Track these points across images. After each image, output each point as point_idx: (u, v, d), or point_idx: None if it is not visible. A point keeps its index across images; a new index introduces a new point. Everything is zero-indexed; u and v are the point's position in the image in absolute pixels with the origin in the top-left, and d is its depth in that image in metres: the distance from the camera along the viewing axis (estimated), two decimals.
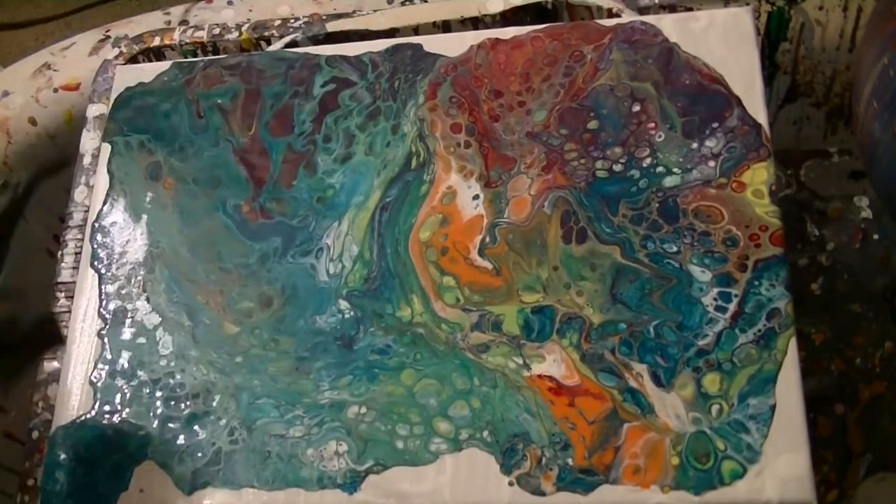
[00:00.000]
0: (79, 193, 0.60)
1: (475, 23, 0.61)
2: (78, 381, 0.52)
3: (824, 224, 0.62)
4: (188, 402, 0.50)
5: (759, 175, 0.49)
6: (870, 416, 0.57)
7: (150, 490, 0.49)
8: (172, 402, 0.50)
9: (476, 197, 0.52)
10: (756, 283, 0.47)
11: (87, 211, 0.58)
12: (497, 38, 0.56)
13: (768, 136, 0.50)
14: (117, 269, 0.55)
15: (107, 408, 0.51)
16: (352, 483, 0.46)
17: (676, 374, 0.45)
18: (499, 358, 0.47)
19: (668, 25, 0.54)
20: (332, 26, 0.63)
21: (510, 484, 0.45)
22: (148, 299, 0.53)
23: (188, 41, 0.65)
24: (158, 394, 0.51)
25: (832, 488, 0.55)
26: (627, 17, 0.58)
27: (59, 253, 0.58)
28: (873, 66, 0.50)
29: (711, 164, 0.50)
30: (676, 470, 0.44)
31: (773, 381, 0.44)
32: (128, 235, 0.55)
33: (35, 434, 0.53)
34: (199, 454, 0.49)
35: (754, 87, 0.51)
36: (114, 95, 0.60)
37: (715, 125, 0.50)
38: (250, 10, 0.73)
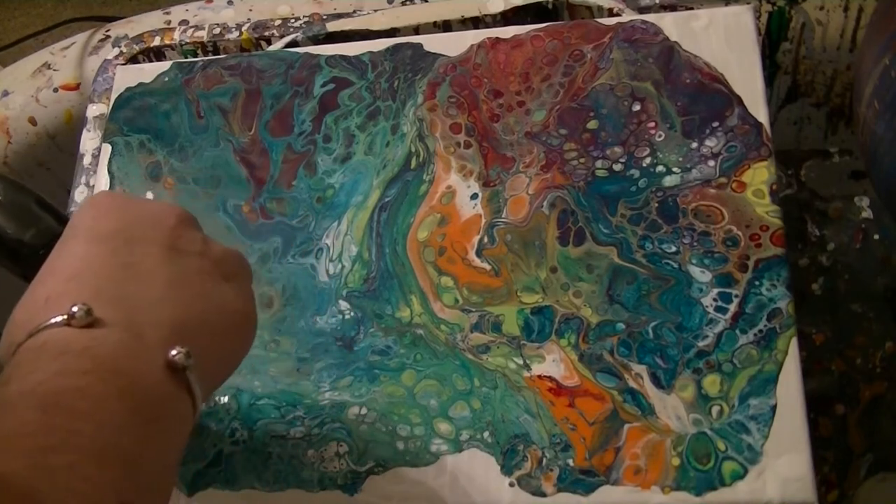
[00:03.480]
0: (79, 193, 0.59)
1: (476, 22, 0.61)
2: None
3: (825, 224, 0.62)
4: None
5: (760, 174, 0.49)
6: (871, 417, 0.57)
7: None
8: None
9: (474, 196, 0.52)
10: (757, 283, 0.46)
11: None
12: (497, 38, 0.56)
13: (769, 135, 0.50)
14: None
15: None
16: (352, 484, 0.46)
17: (676, 376, 0.45)
18: (499, 358, 0.47)
19: (669, 24, 0.54)
20: (332, 26, 0.62)
21: (511, 485, 0.45)
22: None
23: (188, 41, 0.65)
24: None
25: (833, 489, 0.55)
26: (628, 16, 0.58)
27: None
28: (874, 66, 0.50)
29: (711, 163, 0.50)
30: (677, 471, 0.43)
31: (773, 381, 0.44)
32: None
33: None
34: (201, 456, 0.48)
35: (755, 86, 0.51)
36: (114, 95, 0.60)
37: (715, 124, 0.50)
38: (250, 10, 0.73)
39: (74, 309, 0.32)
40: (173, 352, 0.33)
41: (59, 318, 0.32)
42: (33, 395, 0.29)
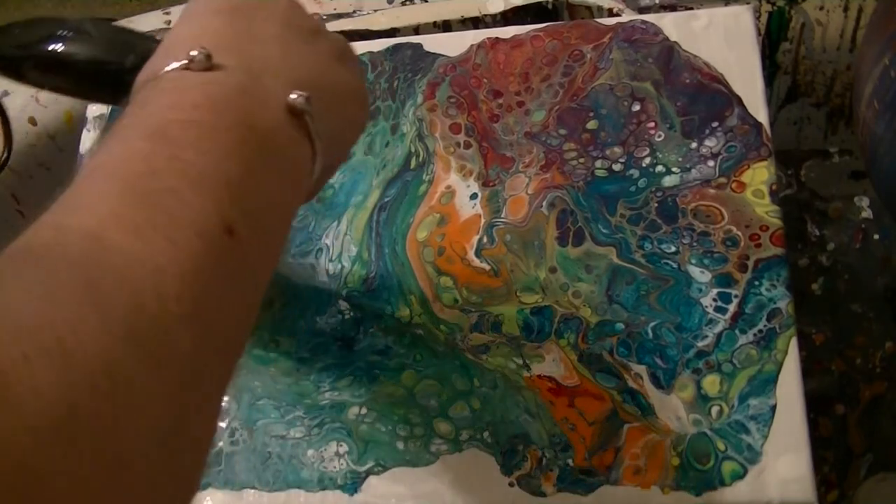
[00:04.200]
0: None
1: (475, 22, 0.61)
2: None
3: (825, 224, 0.62)
4: None
5: (760, 175, 0.49)
6: (870, 417, 0.57)
7: None
8: None
9: (474, 196, 0.52)
10: (756, 283, 0.46)
11: None
12: (497, 38, 0.56)
13: (769, 135, 0.50)
14: None
15: None
16: (352, 484, 0.46)
17: (676, 376, 0.45)
18: (499, 358, 0.47)
19: (669, 24, 0.54)
20: (332, 26, 0.62)
21: (510, 485, 0.45)
22: None
23: None
24: None
25: (833, 489, 0.55)
26: (628, 16, 0.58)
27: None
28: (874, 66, 0.50)
29: (711, 163, 0.50)
30: (677, 471, 0.43)
31: (773, 381, 0.44)
32: None
33: None
34: None
35: (755, 86, 0.51)
36: None
37: (715, 124, 0.50)
38: None
39: (193, 53, 0.32)
40: (293, 95, 0.32)
41: (178, 63, 0.32)
42: (140, 125, 0.30)
